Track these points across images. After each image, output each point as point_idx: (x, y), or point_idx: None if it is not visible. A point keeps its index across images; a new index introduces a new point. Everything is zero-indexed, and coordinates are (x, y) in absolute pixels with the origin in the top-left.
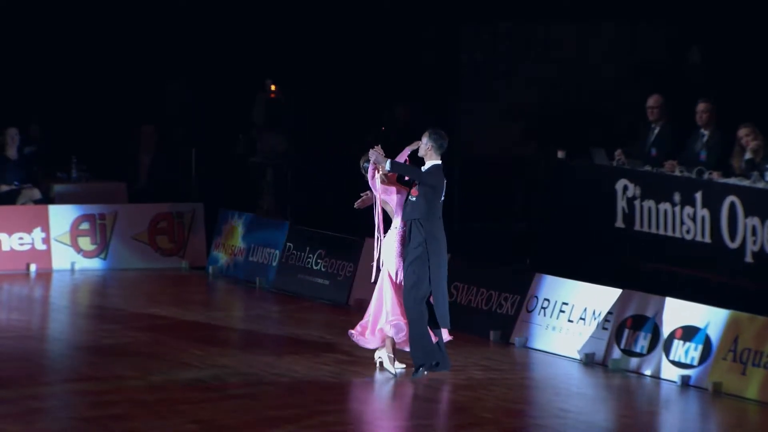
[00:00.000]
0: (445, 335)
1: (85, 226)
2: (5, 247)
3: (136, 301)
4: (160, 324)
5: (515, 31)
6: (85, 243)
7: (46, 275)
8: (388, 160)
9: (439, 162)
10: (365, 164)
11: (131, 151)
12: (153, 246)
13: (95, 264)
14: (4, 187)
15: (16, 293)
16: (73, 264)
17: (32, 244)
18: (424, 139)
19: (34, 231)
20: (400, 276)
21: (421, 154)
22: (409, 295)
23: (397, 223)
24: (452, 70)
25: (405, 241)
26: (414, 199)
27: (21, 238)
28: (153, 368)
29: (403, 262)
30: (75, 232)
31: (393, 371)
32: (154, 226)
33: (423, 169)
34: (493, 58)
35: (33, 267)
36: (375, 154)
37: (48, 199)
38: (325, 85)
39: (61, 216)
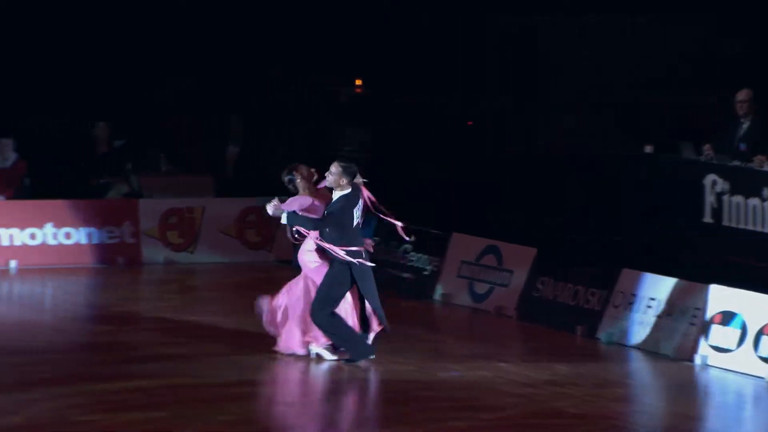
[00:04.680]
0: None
1: (173, 219)
2: (95, 240)
3: (228, 293)
4: (246, 319)
5: (599, 23)
6: (174, 237)
7: (135, 269)
8: (284, 213)
9: (348, 191)
10: (287, 177)
11: (218, 143)
12: (241, 239)
13: (184, 258)
14: (95, 181)
15: (114, 284)
16: (161, 258)
17: (121, 237)
18: (334, 169)
19: (123, 225)
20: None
21: (330, 184)
22: (319, 304)
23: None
24: (531, 64)
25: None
26: (327, 230)
27: (110, 232)
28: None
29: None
30: (164, 226)
31: (332, 356)
32: (242, 219)
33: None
34: (573, 51)
35: (121, 260)
36: (272, 207)
37: (137, 192)
38: (408, 79)
39: (151, 210)
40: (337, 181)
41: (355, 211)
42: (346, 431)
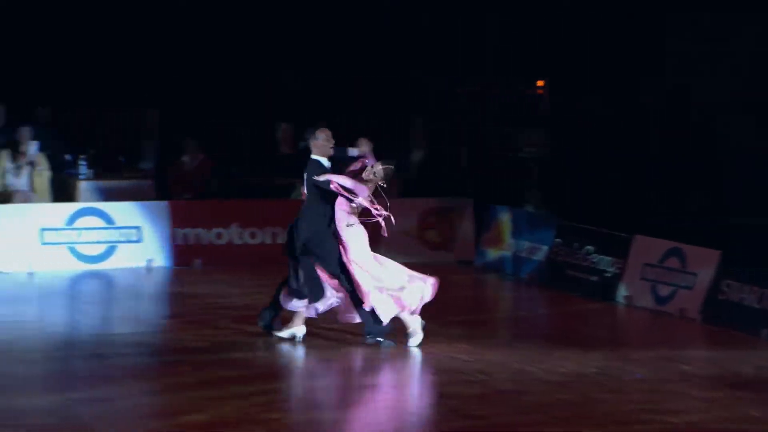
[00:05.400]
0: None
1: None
2: (279, 240)
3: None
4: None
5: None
6: None
7: None
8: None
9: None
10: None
11: (401, 146)
12: (422, 240)
13: None
14: (280, 182)
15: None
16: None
17: None
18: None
19: None
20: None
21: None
22: None
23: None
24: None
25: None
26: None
27: None
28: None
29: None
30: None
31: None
32: (423, 220)
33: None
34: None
35: None
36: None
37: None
38: (589, 81)
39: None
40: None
41: None
42: None
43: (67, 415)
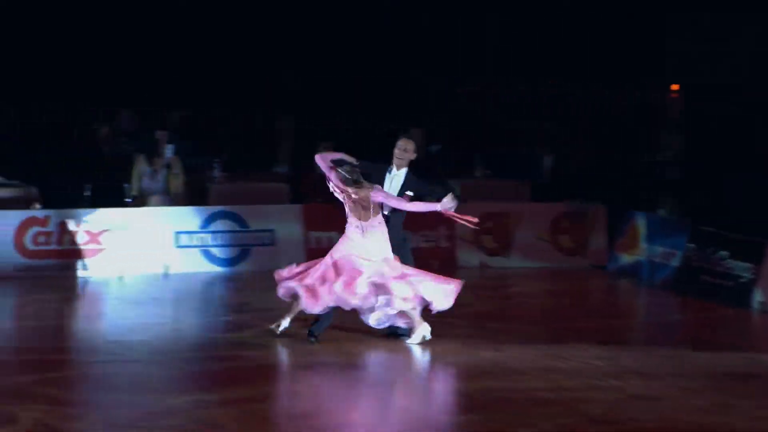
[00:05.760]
0: None
1: (488, 224)
2: (411, 244)
3: (539, 299)
4: (558, 325)
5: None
6: (489, 241)
7: (449, 273)
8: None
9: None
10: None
11: (534, 148)
12: (555, 245)
13: (499, 262)
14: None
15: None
16: (476, 262)
17: (437, 241)
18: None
19: (439, 229)
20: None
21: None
22: None
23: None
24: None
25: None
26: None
27: (426, 236)
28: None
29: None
30: (479, 230)
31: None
32: (556, 225)
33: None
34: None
35: (436, 264)
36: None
37: (455, 197)
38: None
39: (466, 214)
40: None
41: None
42: None
43: (199, 416)
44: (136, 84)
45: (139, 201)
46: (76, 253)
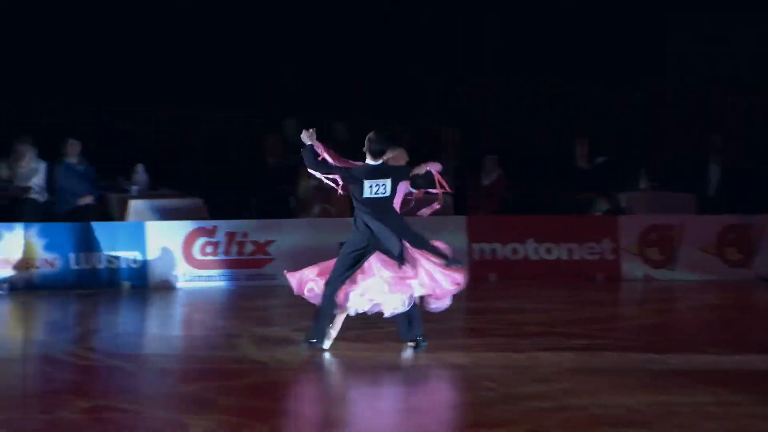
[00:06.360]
0: None
1: (653, 236)
2: (575, 256)
3: (707, 312)
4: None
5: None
6: (654, 253)
7: (614, 285)
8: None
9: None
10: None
11: (700, 161)
12: (721, 257)
13: (663, 275)
14: (581, 197)
15: (593, 300)
16: (641, 274)
17: (601, 253)
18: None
19: (603, 241)
20: None
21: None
22: None
23: None
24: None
25: None
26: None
27: (591, 248)
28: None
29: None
30: (643, 243)
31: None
32: (722, 237)
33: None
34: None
35: (600, 276)
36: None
37: (619, 209)
38: None
39: (631, 226)
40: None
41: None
42: None
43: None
44: (304, 95)
45: (304, 211)
46: (243, 263)
